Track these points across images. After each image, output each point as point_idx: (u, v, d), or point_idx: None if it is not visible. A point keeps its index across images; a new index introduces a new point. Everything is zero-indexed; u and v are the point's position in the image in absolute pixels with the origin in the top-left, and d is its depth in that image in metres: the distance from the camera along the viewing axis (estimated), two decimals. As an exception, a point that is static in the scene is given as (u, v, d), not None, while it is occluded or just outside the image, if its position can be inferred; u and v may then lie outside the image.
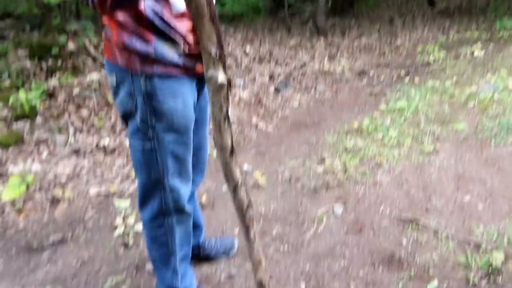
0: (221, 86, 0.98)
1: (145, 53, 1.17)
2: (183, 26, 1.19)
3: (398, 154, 2.82)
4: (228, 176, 1.11)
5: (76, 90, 3.78)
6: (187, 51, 1.21)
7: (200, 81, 1.30)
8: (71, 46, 4.37)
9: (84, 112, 3.55)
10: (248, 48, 5.43)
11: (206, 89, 1.31)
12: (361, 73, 4.96)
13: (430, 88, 4.09)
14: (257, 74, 4.69)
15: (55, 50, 4.10)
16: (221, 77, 0.97)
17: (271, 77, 4.62)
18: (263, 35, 6.88)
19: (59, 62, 4.10)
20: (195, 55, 1.22)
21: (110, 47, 1.23)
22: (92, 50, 4.25)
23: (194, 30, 1.14)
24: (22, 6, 5.55)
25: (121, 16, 1.16)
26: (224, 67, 0.99)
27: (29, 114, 3.36)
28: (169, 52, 1.18)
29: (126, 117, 1.28)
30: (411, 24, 8.39)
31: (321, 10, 7.74)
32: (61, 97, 3.68)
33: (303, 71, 4.92)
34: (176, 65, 1.21)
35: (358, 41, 6.79)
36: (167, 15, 1.16)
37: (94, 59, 4.23)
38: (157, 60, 1.18)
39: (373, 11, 10.34)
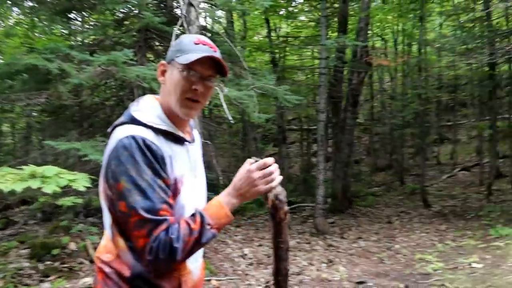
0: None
1: None
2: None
3: None
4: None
5: (65, 296, 3.71)
6: None
7: None
8: (72, 246, 4.50)
9: (68, 323, 3.40)
10: (246, 250, 5.50)
11: None
12: (360, 283, 4.86)
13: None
14: (253, 281, 4.62)
15: (55, 251, 4.20)
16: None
17: (267, 286, 4.53)
18: (263, 234, 7.05)
19: (57, 263, 4.15)
20: None
21: None
22: (91, 251, 4.35)
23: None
24: (39, 199, 5.65)
25: (107, 268, 1.26)
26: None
27: (10, 324, 3.23)
28: None
29: None
30: (409, 225, 8.62)
31: (319, 211, 8.08)
32: (48, 303, 3.59)
33: (300, 279, 4.85)
34: None
35: (357, 244, 6.88)
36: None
37: (92, 261, 4.27)
38: None
39: (372, 209, 10.76)
